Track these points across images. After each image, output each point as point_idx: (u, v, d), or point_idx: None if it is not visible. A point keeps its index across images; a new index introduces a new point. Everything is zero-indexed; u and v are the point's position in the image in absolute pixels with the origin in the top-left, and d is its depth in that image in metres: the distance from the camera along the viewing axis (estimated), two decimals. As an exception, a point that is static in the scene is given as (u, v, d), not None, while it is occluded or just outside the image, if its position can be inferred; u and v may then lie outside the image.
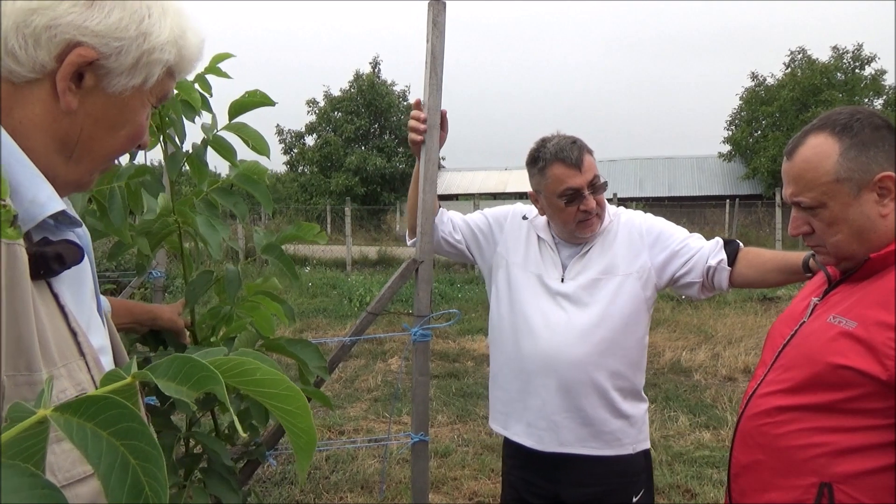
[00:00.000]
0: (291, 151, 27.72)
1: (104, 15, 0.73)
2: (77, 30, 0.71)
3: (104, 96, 0.77)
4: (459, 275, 12.52)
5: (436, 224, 2.03)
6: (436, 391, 5.62)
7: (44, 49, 0.71)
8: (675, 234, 1.89)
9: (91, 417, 0.44)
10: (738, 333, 7.52)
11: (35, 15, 0.69)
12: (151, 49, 0.77)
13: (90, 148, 0.79)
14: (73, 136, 0.77)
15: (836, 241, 1.25)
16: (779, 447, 1.26)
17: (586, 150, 1.81)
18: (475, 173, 34.79)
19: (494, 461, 4.19)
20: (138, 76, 0.78)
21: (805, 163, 1.25)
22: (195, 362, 0.50)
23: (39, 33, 0.70)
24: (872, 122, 1.23)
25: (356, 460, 4.14)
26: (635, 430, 1.87)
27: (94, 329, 0.83)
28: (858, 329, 1.17)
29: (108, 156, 0.83)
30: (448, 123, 2.01)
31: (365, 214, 22.82)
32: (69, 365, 0.74)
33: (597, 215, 1.85)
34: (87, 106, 0.76)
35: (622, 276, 1.84)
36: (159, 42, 0.78)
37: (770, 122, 25.50)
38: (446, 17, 1.97)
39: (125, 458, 0.44)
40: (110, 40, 0.74)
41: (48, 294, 0.75)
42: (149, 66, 0.78)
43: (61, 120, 0.75)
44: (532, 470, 1.92)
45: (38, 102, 0.73)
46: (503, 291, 1.96)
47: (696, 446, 4.46)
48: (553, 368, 1.82)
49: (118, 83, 0.77)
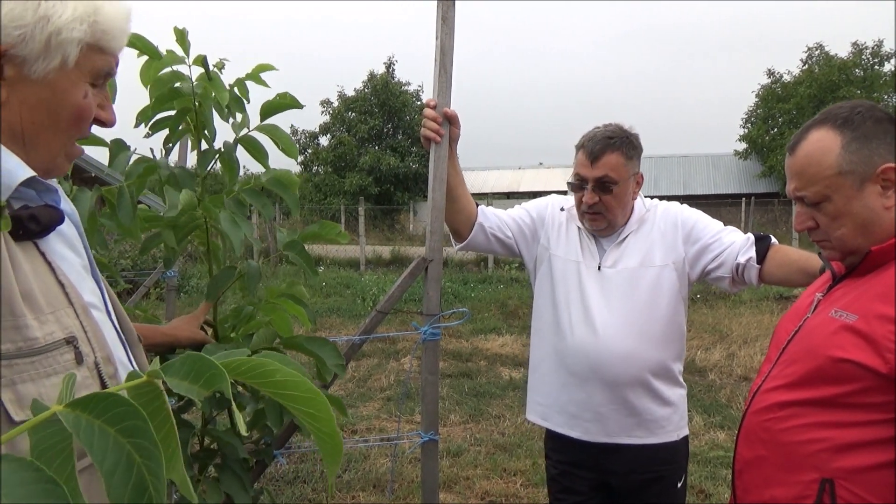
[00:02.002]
0: (306, 151, 27.83)
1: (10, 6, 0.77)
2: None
3: (30, 83, 0.82)
4: (472, 274, 12.51)
5: (479, 221, 2.02)
6: (448, 390, 5.62)
7: None
8: (709, 226, 1.90)
9: (99, 414, 0.45)
10: (753, 333, 7.46)
11: None
12: (57, 30, 0.81)
13: (37, 133, 0.84)
14: (16, 125, 0.82)
15: (841, 235, 1.24)
16: (781, 442, 1.25)
17: (614, 149, 1.81)
18: (488, 172, 34.75)
19: (507, 461, 4.18)
20: (55, 58, 0.82)
21: (807, 157, 1.25)
22: (205, 361, 0.50)
23: None
24: (873, 114, 1.23)
25: (368, 459, 4.15)
26: (678, 417, 1.91)
27: (85, 288, 0.90)
28: (859, 322, 1.17)
29: (60, 139, 0.87)
30: (459, 121, 2.00)
31: (378, 214, 22.86)
32: (57, 312, 0.81)
33: (599, 213, 1.86)
34: (18, 95, 0.81)
35: (659, 266, 1.86)
36: (63, 21, 0.81)
37: (787, 119, 25.21)
38: (455, 14, 1.96)
39: (131, 456, 0.44)
40: (10, 30, 0.78)
41: (34, 252, 0.83)
42: (62, 46, 0.82)
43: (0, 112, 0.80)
44: (578, 459, 1.94)
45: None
46: (546, 284, 1.99)
47: (710, 446, 4.42)
48: (597, 363, 1.84)
49: (38, 68, 0.81)
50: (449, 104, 1.96)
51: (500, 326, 8.31)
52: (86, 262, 0.94)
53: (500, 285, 11.18)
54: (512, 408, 5.20)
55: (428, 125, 1.92)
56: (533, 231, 2.05)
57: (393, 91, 26.62)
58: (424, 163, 25.49)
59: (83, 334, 0.84)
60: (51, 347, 0.79)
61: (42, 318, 0.79)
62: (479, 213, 2.04)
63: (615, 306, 1.85)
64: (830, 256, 1.31)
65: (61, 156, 0.90)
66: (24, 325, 0.76)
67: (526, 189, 32.43)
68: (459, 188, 2.00)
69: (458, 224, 2.04)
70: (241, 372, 0.52)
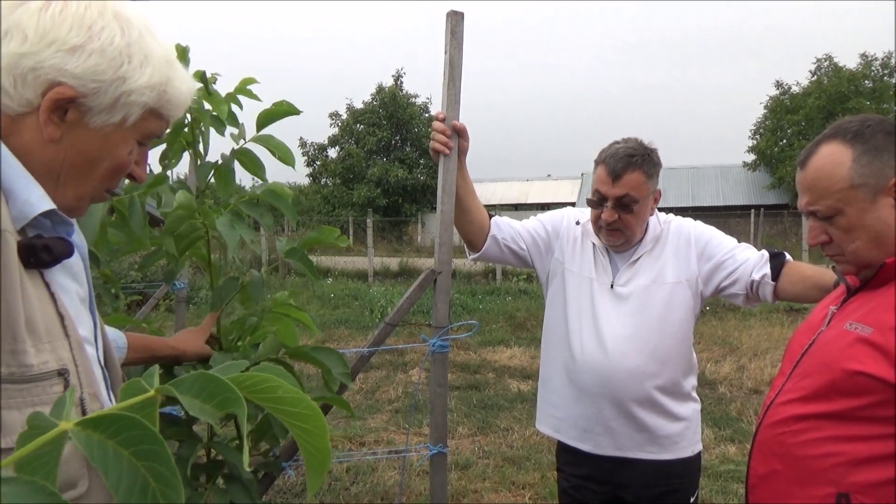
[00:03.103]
0: (314, 163, 27.97)
1: (82, 60, 0.83)
2: (58, 72, 0.82)
3: (86, 131, 0.87)
4: (481, 286, 12.49)
5: (492, 233, 2.02)
6: (457, 403, 5.60)
7: (30, 88, 0.82)
8: (723, 243, 1.90)
9: (112, 435, 0.44)
10: (763, 345, 7.41)
11: (24, 59, 0.81)
12: (129, 91, 0.87)
13: (73, 175, 0.89)
14: (57, 163, 0.87)
15: (855, 248, 1.24)
16: (796, 456, 1.24)
17: (636, 167, 1.80)
18: (496, 184, 34.81)
19: (515, 474, 4.15)
20: (117, 115, 0.87)
21: (818, 171, 1.25)
22: (219, 382, 0.49)
23: (26, 74, 0.81)
24: (883, 127, 1.23)
25: (376, 472, 4.13)
26: (691, 432, 1.91)
27: (81, 321, 0.91)
28: (874, 335, 1.16)
29: (92, 185, 0.92)
30: (468, 133, 2.01)
31: (387, 226, 22.91)
32: (53, 342, 0.83)
33: (618, 230, 1.86)
34: (70, 138, 0.86)
35: (672, 283, 1.86)
36: (137, 86, 0.87)
37: (796, 130, 25.15)
38: (465, 28, 1.98)
39: (145, 480, 0.44)
40: (87, 82, 0.84)
41: (39, 281, 0.84)
42: (127, 107, 0.88)
43: (47, 148, 0.85)
44: (591, 472, 1.94)
45: (27, 132, 0.84)
46: (558, 298, 1.99)
47: (720, 460, 4.38)
48: (606, 379, 1.84)
49: (98, 119, 0.87)
50: (458, 117, 1.97)
51: (509, 338, 8.29)
52: (85, 295, 0.96)
53: (509, 297, 11.15)
54: (520, 420, 5.18)
55: (437, 138, 1.93)
56: (547, 244, 2.04)
57: (401, 103, 26.75)
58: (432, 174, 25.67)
59: (74, 368, 0.84)
60: (43, 377, 0.79)
61: (39, 346, 0.80)
62: (493, 224, 2.04)
63: (626, 324, 1.85)
64: (845, 270, 1.30)
65: (86, 199, 0.93)
66: (21, 350, 0.77)
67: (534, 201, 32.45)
68: (471, 200, 2.01)
69: (471, 235, 2.04)
70: (245, 387, 0.52)
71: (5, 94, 0.81)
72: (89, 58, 0.83)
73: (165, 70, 0.90)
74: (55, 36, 0.81)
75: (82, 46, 0.82)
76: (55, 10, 0.81)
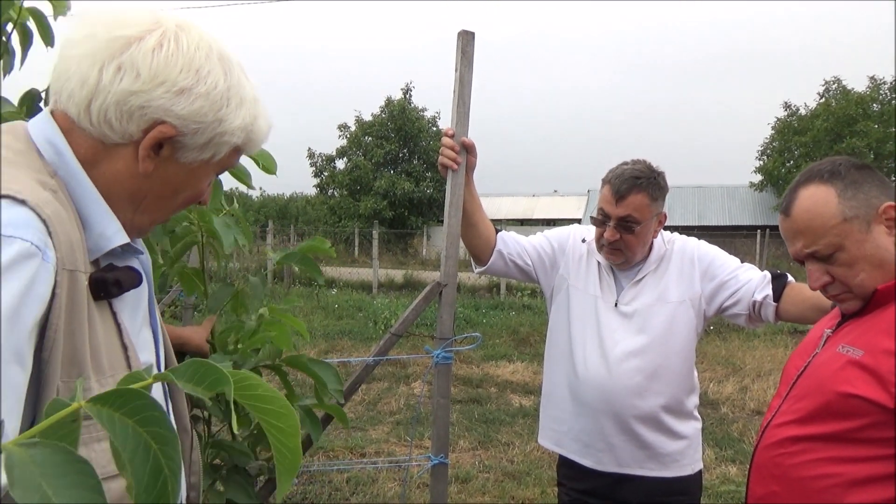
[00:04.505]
0: (322, 174, 28.09)
1: (189, 102, 0.87)
2: (164, 112, 0.86)
3: (176, 165, 0.91)
4: (485, 300, 12.50)
5: (498, 248, 2.05)
6: (458, 416, 5.60)
7: (134, 124, 0.85)
8: (727, 263, 1.92)
9: (118, 407, 0.50)
10: (767, 366, 7.38)
11: (133, 97, 0.84)
12: (223, 132, 0.91)
13: (155, 204, 0.93)
14: (143, 192, 0.91)
15: (861, 281, 1.24)
16: (793, 478, 1.25)
17: (640, 189, 1.82)
18: (502, 199, 34.85)
19: (515, 489, 4.15)
20: (208, 152, 0.92)
21: (807, 212, 1.27)
22: (209, 366, 0.55)
23: (133, 111, 0.84)
24: (854, 164, 1.27)
25: (377, 483, 4.14)
26: (692, 451, 1.93)
27: (142, 346, 0.95)
28: (865, 357, 1.18)
29: (168, 212, 0.97)
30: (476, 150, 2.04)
31: (392, 238, 22.96)
32: (116, 375, 0.84)
33: (618, 249, 1.88)
34: (160, 171, 0.90)
35: (675, 303, 1.88)
36: (231, 128, 0.92)
37: (803, 152, 25.14)
38: (475, 47, 2.02)
39: (147, 443, 0.50)
40: (190, 123, 0.88)
41: (107, 312, 0.87)
42: (218, 146, 0.92)
43: (137, 178, 0.89)
44: (591, 488, 1.95)
45: (120, 161, 0.88)
46: (562, 314, 2.01)
47: (721, 480, 4.37)
48: (608, 395, 1.86)
49: (190, 156, 0.91)
50: (466, 133, 2.01)
51: (512, 353, 8.28)
52: (146, 313, 0.99)
53: (513, 312, 11.15)
54: (521, 435, 5.17)
55: (445, 153, 1.97)
56: (552, 260, 2.07)
57: (409, 117, 26.88)
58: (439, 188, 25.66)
59: None
60: None
61: (103, 380, 0.82)
62: (499, 239, 2.07)
63: (629, 342, 1.87)
64: (850, 308, 1.30)
65: (157, 223, 0.98)
66: (87, 387, 0.78)
67: (540, 216, 32.47)
68: (477, 214, 2.04)
69: (477, 249, 2.07)
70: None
71: (108, 126, 0.84)
72: (195, 101, 0.87)
73: (254, 110, 0.95)
74: (166, 77, 0.85)
75: (190, 89, 0.86)
76: (168, 52, 0.85)
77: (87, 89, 0.83)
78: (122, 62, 0.83)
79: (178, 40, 0.86)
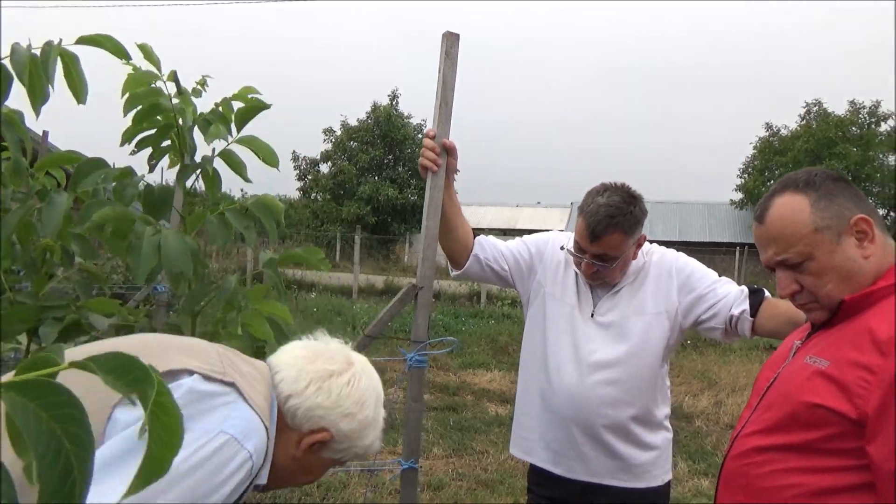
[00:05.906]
0: (305, 178, 27.95)
1: (350, 424, 1.18)
2: (331, 424, 1.17)
3: (316, 457, 1.20)
4: (465, 308, 12.48)
5: (475, 252, 2.02)
6: (433, 423, 5.57)
7: (308, 423, 1.16)
8: (705, 276, 1.91)
9: (35, 398, 0.46)
10: (742, 381, 7.44)
11: (318, 409, 1.16)
12: (357, 446, 1.22)
13: (287, 477, 1.21)
14: (287, 472, 1.18)
15: (829, 292, 1.25)
16: (759, 488, 1.25)
17: (615, 228, 1.77)
18: (486, 208, 34.93)
19: (488, 497, 4.12)
20: (340, 455, 1.22)
21: (780, 220, 1.28)
22: (133, 361, 0.51)
23: (312, 416, 1.16)
24: (829, 175, 1.29)
25: (348, 488, 4.09)
26: (662, 461, 1.93)
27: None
28: (831, 368, 1.18)
29: (292, 483, 1.24)
30: (457, 152, 2.03)
31: (374, 244, 22.88)
32: None
33: (601, 278, 1.87)
34: (304, 457, 1.18)
35: (652, 314, 1.87)
36: (364, 444, 1.23)
37: (783, 171, 25.45)
38: (459, 49, 2.01)
39: (61, 442, 0.46)
40: (343, 437, 1.19)
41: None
42: (348, 452, 1.22)
43: (287, 459, 1.17)
44: (561, 496, 1.94)
45: (292, 444, 1.17)
46: (538, 321, 1.99)
47: (693, 493, 4.38)
48: (580, 404, 1.85)
49: (328, 455, 1.21)
50: (448, 135, 1.99)
51: (489, 362, 8.27)
52: None
53: (492, 320, 11.14)
54: (496, 444, 5.15)
55: (426, 154, 1.95)
56: (530, 266, 2.05)
57: (395, 123, 26.85)
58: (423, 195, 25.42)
59: None
60: None
61: None
62: (476, 243, 2.05)
63: (604, 353, 1.86)
64: (817, 318, 1.30)
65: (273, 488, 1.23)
66: None
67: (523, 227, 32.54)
68: (457, 218, 2.02)
69: (454, 253, 2.05)
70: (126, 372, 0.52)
71: (290, 415, 1.15)
72: (353, 423, 1.18)
73: (376, 434, 1.25)
74: (342, 403, 1.17)
75: (354, 415, 1.18)
76: (353, 387, 1.19)
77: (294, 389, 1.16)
78: (320, 386, 1.17)
79: (360, 382, 1.21)
